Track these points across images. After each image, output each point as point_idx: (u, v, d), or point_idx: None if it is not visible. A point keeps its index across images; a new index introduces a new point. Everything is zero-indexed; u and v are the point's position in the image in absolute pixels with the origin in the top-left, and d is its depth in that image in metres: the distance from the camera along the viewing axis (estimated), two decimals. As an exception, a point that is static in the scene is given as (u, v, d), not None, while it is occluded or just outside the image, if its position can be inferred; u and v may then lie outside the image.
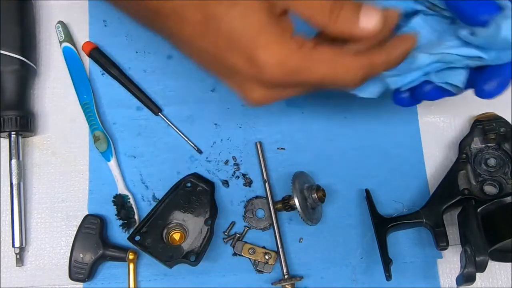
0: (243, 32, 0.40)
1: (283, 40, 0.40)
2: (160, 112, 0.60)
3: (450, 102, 0.62)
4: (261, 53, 0.40)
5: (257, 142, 0.59)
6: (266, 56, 0.40)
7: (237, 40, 0.40)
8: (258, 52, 0.40)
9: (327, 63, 0.41)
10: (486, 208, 0.54)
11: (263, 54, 0.40)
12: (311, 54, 0.41)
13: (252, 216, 0.58)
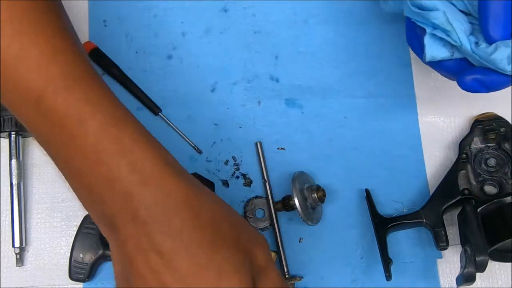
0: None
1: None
2: (160, 112, 0.60)
3: (450, 102, 0.62)
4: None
5: (257, 142, 0.59)
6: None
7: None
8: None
9: None
10: (486, 208, 0.54)
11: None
12: None
13: (252, 216, 0.58)
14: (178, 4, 0.63)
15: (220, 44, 0.62)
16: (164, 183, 0.39)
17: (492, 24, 0.45)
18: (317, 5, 0.64)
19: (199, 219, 0.39)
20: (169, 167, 0.40)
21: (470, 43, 0.47)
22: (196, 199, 0.40)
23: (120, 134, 0.40)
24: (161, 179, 0.39)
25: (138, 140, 0.41)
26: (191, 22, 0.63)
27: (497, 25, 0.45)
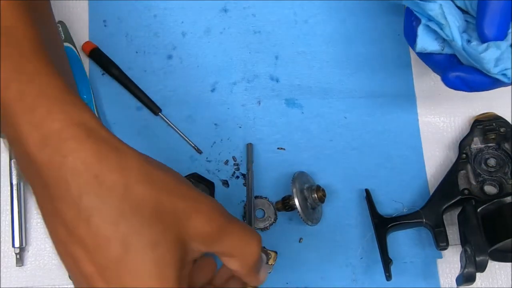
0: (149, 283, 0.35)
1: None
2: (160, 112, 0.60)
3: (450, 102, 0.62)
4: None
5: (248, 144, 0.58)
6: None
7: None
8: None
9: None
10: (486, 208, 0.54)
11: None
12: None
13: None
14: (178, 4, 0.63)
15: (220, 44, 0.62)
16: (62, 144, 0.34)
17: (488, 22, 0.46)
18: (317, 5, 0.64)
19: (102, 184, 0.34)
20: (76, 128, 0.34)
21: (462, 39, 0.47)
22: (102, 161, 0.34)
23: (26, 89, 0.35)
24: (59, 140, 0.34)
25: (45, 95, 0.35)
26: (191, 22, 0.63)
27: (492, 24, 0.45)
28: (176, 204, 0.35)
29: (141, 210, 0.34)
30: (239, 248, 0.38)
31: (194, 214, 0.36)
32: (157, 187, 0.36)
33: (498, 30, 0.46)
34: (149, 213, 0.34)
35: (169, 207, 0.35)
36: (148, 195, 0.35)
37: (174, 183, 0.37)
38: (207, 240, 0.37)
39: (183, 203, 0.36)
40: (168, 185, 0.36)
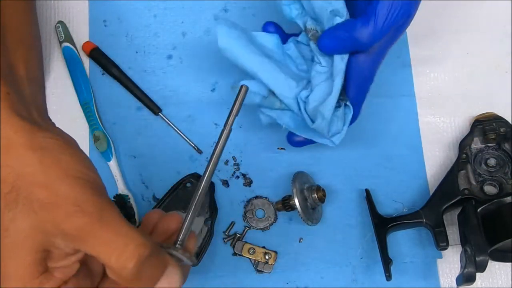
0: (4, 267, 0.35)
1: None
2: (160, 112, 0.60)
3: (450, 102, 0.62)
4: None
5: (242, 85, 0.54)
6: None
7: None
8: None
9: None
10: (486, 208, 0.54)
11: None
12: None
13: (252, 216, 0.58)
14: (178, 4, 0.63)
15: (220, 44, 0.62)
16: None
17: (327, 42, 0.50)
18: (317, 5, 0.64)
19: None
20: None
21: (300, 104, 0.52)
22: None
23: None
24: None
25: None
26: (191, 22, 0.63)
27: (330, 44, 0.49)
28: (35, 193, 0.34)
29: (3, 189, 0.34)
30: (105, 256, 0.34)
31: (53, 208, 0.34)
32: (25, 171, 0.35)
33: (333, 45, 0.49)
34: (6, 192, 0.34)
35: (26, 194, 0.34)
36: (11, 175, 0.34)
37: (45, 168, 0.35)
38: (68, 238, 0.34)
39: (44, 192, 0.34)
40: (38, 170, 0.35)
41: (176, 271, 0.37)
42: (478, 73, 0.63)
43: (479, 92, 0.62)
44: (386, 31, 0.48)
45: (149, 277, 0.36)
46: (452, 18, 0.63)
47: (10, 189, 0.35)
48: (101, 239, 0.34)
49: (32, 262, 0.35)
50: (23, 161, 0.35)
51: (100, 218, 0.34)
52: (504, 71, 0.63)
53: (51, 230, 0.34)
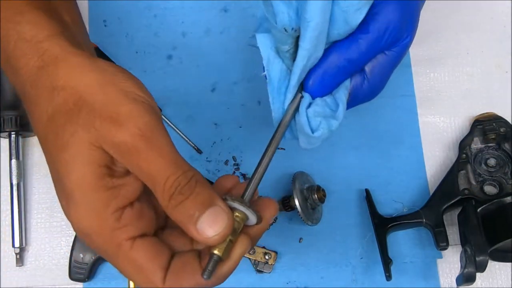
0: (65, 183, 0.35)
1: (99, 216, 0.35)
2: (160, 112, 0.60)
3: (450, 102, 0.62)
4: (72, 215, 0.36)
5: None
6: (76, 221, 0.36)
7: (59, 184, 0.36)
8: (70, 213, 0.36)
9: (134, 268, 0.36)
10: (486, 208, 0.54)
11: (74, 218, 0.36)
12: (121, 248, 0.35)
13: (252, 216, 0.58)
14: (178, 4, 0.63)
15: (220, 44, 0.62)
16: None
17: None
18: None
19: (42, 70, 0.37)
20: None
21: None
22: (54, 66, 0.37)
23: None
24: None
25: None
26: (191, 22, 0.63)
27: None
28: (97, 110, 0.35)
29: (65, 104, 0.36)
30: (149, 178, 0.35)
31: (112, 125, 0.35)
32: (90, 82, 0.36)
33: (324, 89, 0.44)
34: (68, 109, 0.36)
35: (88, 110, 0.36)
36: (74, 94, 0.36)
37: (105, 88, 0.36)
38: (123, 155, 0.35)
39: (104, 110, 0.35)
40: (98, 90, 0.36)
41: (223, 216, 0.35)
42: (478, 73, 0.63)
43: (479, 92, 0.62)
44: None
45: (189, 208, 0.35)
46: (452, 18, 0.63)
47: (73, 106, 0.36)
48: (149, 161, 0.35)
49: (98, 175, 0.35)
50: (85, 81, 0.36)
51: (151, 140, 0.35)
52: (504, 71, 0.63)
53: (109, 146, 0.35)
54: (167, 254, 0.37)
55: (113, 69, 0.38)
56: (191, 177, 0.36)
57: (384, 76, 0.47)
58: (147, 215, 0.38)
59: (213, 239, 0.35)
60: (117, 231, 0.35)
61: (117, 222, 0.35)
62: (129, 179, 0.36)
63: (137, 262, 0.36)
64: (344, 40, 0.43)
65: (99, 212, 0.35)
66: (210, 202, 0.35)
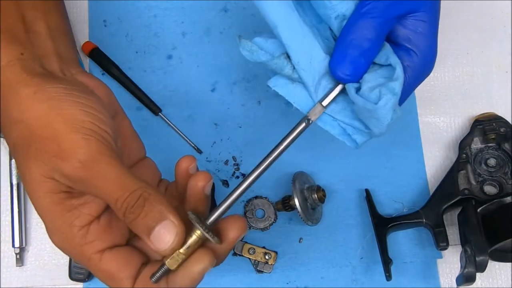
0: (36, 210, 0.39)
1: (66, 236, 0.39)
2: (160, 112, 0.60)
3: (450, 102, 0.62)
4: (48, 236, 0.40)
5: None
6: (52, 240, 0.40)
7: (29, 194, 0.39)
8: (47, 234, 0.40)
9: (105, 277, 0.39)
10: (486, 208, 0.54)
11: (50, 238, 0.40)
12: (91, 261, 0.39)
13: (252, 216, 0.58)
14: (178, 4, 0.63)
15: (220, 44, 0.62)
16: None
17: (338, 60, 0.42)
18: (317, 5, 0.64)
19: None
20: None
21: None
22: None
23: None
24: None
25: None
26: (191, 22, 0.63)
27: (344, 62, 0.41)
28: (45, 145, 0.38)
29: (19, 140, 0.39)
30: (108, 201, 0.38)
31: (58, 160, 0.37)
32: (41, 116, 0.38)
33: (353, 70, 0.41)
34: (22, 143, 0.39)
35: (38, 146, 0.38)
36: (25, 130, 0.38)
37: (51, 120, 0.38)
38: (75, 185, 0.38)
39: (50, 145, 0.38)
40: (44, 123, 0.38)
41: (172, 230, 0.37)
42: (478, 73, 0.63)
43: (479, 92, 0.62)
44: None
45: (141, 225, 0.37)
46: (452, 18, 0.63)
47: (25, 140, 0.38)
48: (97, 187, 0.37)
49: (55, 202, 0.38)
50: (33, 114, 0.38)
51: (93, 169, 0.37)
52: (504, 71, 0.63)
53: (59, 177, 0.38)
54: (137, 262, 0.40)
55: (61, 96, 0.39)
56: (139, 196, 0.37)
57: (428, 42, 0.44)
58: (117, 226, 0.40)
59: (163, 251, 0.37)
60: (84, 247, 0.39)
61: (84, 239, 0.39)
62: (89, 197, 0.39)
63: (107, 273, 0.39)
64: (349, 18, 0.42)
65: (66, 233, 0.39)
66: (160, 217, 0.37)
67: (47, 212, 0.38)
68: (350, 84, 0.42)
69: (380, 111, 0.40)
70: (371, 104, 0.40)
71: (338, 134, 0.44)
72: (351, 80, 0.42)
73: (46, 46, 0.43)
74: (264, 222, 0.58)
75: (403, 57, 0.43)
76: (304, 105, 0.44)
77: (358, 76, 0.42)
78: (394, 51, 0.43)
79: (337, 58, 0.42)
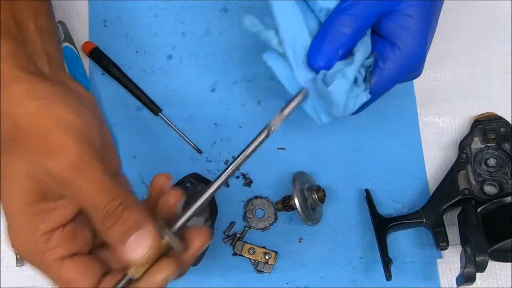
0: (3, 208, 0.38)
1: (28, 239, 0.38)
2: (160, 112, 0.60)
3: (450, 102, 0.62)
4: (10, 237, 0.39)
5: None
6: (12, 242, 0.39)
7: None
8: (8, 234, 0.39)
9: (63, 285, 0.39)
10: (486, 208, 0.54)
11: (11, 239, 0.39)
12: (50, 268, 0.39)
13: (252, 216, 0.58)
14: (178, 4, 0.63)
15: (220, 44, 0.62)
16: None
17: (313, 50, 0.45)
18: (317, 5, 0.64)
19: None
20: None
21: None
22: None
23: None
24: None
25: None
26: (191, 22, 0.63)
27: (317, 52, 0.44)
28: (31, 141, 0.37)
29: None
30: (86, 206, 0.37)
31: (45, 157, 0.37)
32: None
33: (326, 62, 0.44)
34: (8, 138, 0.38)
35: (24, 141, 0.37)
36: (12, 124, 0.38)
37: (40, 118, 0.37)
38: (56, 186, 0.37)
39: (38, 142, 0.37)
40: (33, 120, 0.37)
41: (147, 239, 0.37)
42: (478, 73, 0.63)
43: (479, 92, 0.62)
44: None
45: (116, 232, 0.37)
46: (452, 18, 0.63)
47: (12, 135, 0.38)
48: (81, 189, 0.37)
49: (27, 202, 0.37)
50: (22, 110, 0.38)
51: (81, 171, 0.37)
52: (504, 71, 0.63)
53: (44, 175, 0.37)
54: (97, 272, 0.39)
55: (52, 96, 0.39)
56: (120, 203, 0.37)
57: (415, 37, 0.45)
58: (81, 235, 0.40)
59: (136, 261, 0.37)
60: (46, 253, 0.38)
61: (46, 244, 0.38)
62: (62, 203, 0.39)
63: (66, 281, 0.38)
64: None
65: (29, 235, 0.38)
66: (136, 226, 0.37)
67: (16, 212, 0.38)
68: (322, 71, 0.45)
69: (332, 94, 0.43)
70: (325, 87, 0.44)
71: (310, 110, 0.48)
72: (324, 69, 0.45)
73: (37, 46, 0.43)
74: (264, 222, 0.58)
75: (386, 50, 0.45)
76: (287, 80, 0.47)
77: (330, 66, 0.45)
78: (379, 43, 0.45)
79: (313, 49, 0.45)
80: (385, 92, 0.47)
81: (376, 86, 0.46)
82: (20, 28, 0.43)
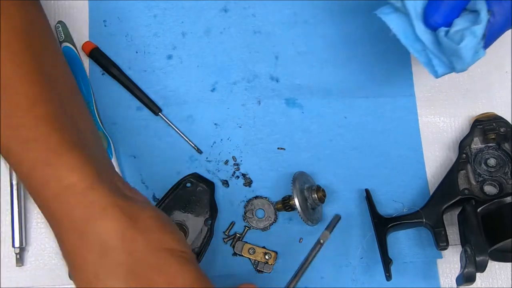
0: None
1: None
2: (160, 112, 0.60)
3: (450, 102, 0.62)
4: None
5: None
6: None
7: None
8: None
9: None
10: (486, 208, 0.54)
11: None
12: None
13: (252, 216, 0.58)
14: (178, 4, 0.63)
15: (220, 44, 0.62)
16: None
17: (431, 8, 0.46)
18: (317, 6, 0.64)
19: (106, 258, 0.39)
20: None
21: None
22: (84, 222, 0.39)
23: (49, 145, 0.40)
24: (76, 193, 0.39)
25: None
26: (191, 22, 0.63)
27: (436, 10, 0.46)
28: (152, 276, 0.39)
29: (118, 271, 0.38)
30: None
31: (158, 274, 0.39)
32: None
33: (443, 19, 0.46)
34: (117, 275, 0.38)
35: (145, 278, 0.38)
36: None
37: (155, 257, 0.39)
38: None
39: (159, 277, 0.39)
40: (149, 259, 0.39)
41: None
42: (478, 73, 0.63)
43: (479, 92, 0.62)
44: None
45: None
46: (452, 18, 0.63)
47: (123, 272, 0.38)
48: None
49: None
50: (134, 246, 0.39)
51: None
52: (504, 71, 0.63)
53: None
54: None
55: (153, 223, 0.40)
56: None
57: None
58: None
59: None
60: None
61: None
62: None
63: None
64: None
65: None
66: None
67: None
68: (442, 28, 0.47)
69: (461, 51, 0.45)
70: (454, 44, 0.46)
71: (424, 62, 0.49)
72: (441, 26, 0.47)
73: (104, 159, 0.44)
74: (264, 222, 0.58)
75: (493, 4, 0.46)
76: (402, 32, 0.49)
77: (447, 24, 0.46)
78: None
79: (431, 8, 0.46)
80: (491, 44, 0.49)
81: (487, 40, 0.47)
82: (83, 138, 0.43)
